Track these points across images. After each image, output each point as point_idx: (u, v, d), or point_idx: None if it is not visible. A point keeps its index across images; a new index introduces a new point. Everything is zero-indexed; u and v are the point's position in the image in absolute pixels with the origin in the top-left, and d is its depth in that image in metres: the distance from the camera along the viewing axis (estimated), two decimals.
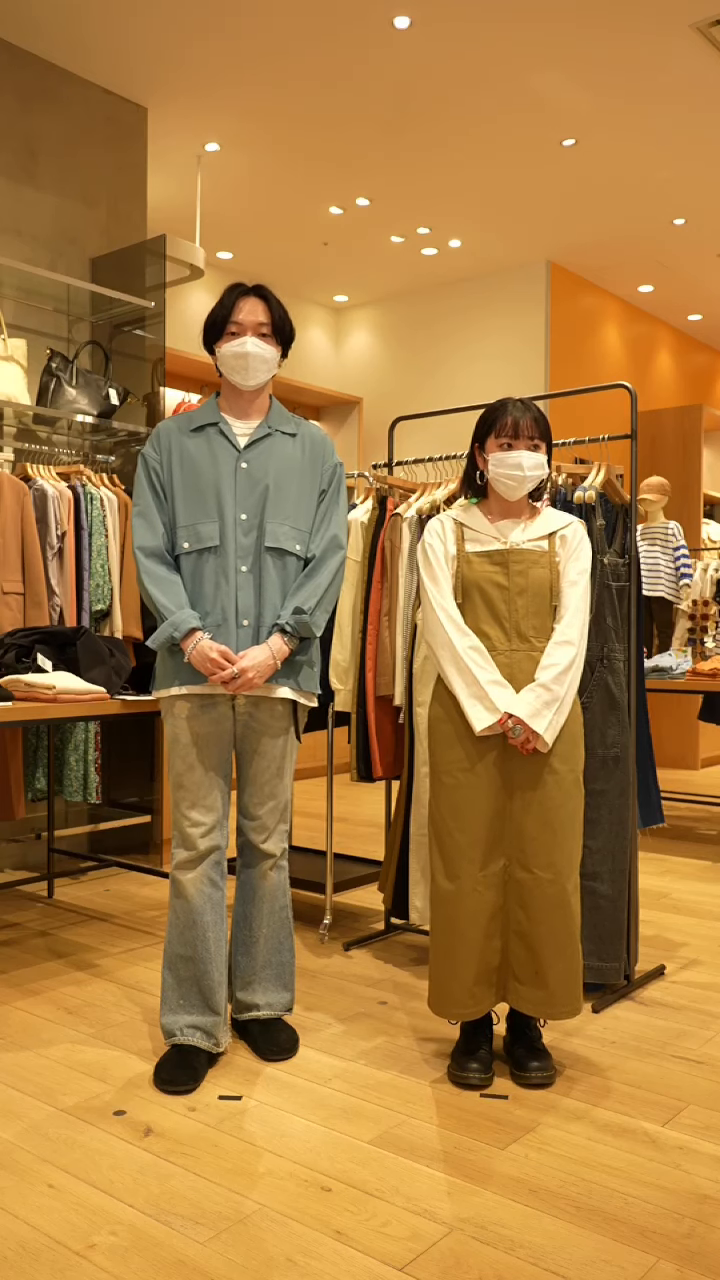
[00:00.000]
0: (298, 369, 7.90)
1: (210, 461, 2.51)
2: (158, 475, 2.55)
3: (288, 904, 2.67)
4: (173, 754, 2.55)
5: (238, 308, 2.51)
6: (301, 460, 2.57)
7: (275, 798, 2.59)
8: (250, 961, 2.63)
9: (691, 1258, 1.77)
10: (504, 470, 2.46)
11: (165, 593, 2.48)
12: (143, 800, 4.58)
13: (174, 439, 2.56)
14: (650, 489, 5.99)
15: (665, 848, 5.02)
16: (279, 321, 2.55)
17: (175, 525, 2.52)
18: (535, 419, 2.48)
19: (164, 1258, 1.76)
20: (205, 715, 2.50)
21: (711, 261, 7.22)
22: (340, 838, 5.03)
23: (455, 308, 7.64)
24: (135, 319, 4.73)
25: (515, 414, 2.47)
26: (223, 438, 2.53)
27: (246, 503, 2.49)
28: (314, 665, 2.61)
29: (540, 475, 2.48)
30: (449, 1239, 1.82)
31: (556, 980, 2.40)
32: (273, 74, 4.86)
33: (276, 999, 2.64)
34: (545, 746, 2.38)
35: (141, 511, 2.55)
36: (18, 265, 4.19)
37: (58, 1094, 2.37)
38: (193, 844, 2.52)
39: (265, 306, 2.53)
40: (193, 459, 2.52)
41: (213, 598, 2.49)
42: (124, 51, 4.64)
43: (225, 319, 2.52)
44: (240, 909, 2.65)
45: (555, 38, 4.55)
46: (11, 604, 3.78)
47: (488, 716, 2.38)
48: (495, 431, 2.48)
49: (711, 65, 4.76)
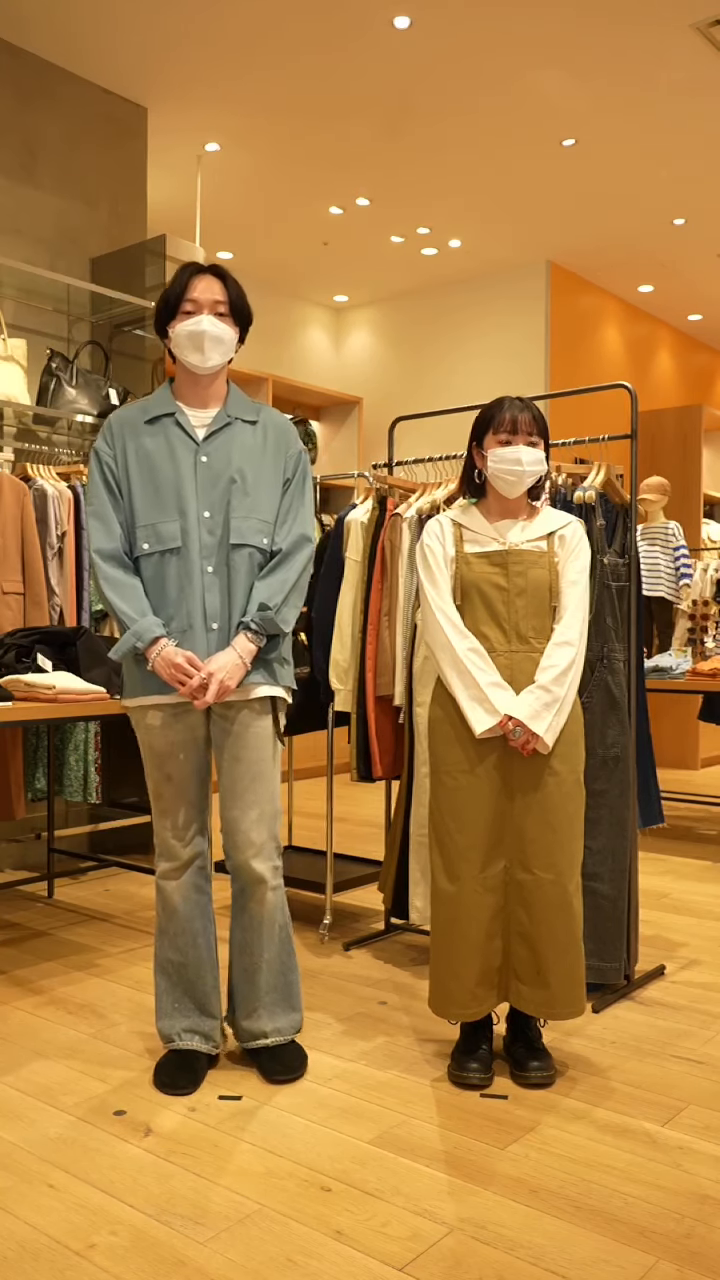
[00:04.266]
0: (297, 369, 7.90)
1: (168, 456, 2.36)
2: (112, 472, 2.40)
3: (287, 922, 2.50)
4: (147, 765, 2.44)
5: (192, 285, 2.37)
6: (264, 449, 2.43)
7: (259, 806, 2.40)
8: (253, 989, 2.46)
9: (692, 1258, 1.77)
10: (503, 466, 2.45)
11: (125, 599, 2.34)
12: (143, 800, 4.58)
13: (127, 431, 2.41)
14: (650, 489, 5.98)
15: (665, 848, 5.02)
16: (236, 300, 2.41)
17: (134, 525, 2.37)
18: (534, 416, 2.48)
19: (164, 1258, 1.76)
20: (178, 724, 2.39)
21: (711, 261, 7.22)
22: (340, 838, 5.03)
23: (455, 307, 7.64)
24: (135, 319, 4.73)
25: (513, 410, 2.47)
26: (179, 429, 2.39)
27: (209, 499, 2.35)
28: (287, 662, 2.47)
29: (539, 471, 2.48)
30: (449, 1239, 1.82)
31: (559, 981, 2.39)
32: (273, 74, 4.86)
33: (285, 1023, 2.48)
34: (545, 748, 2.38)
35: (96, 511, 2.40)
36: (18, 265, 4.19)
37: (58, 1094, 2.37)
38: (175, 854, 2.45)
39: (222, 285, 2.39)
40: (149, 454, 2.37)
41: (177, 601, 2.35)
42: (124, 51, 4.64)
43: (179, 297, 2.37)
44: (238, 935, 2.48)
45: (555, 38, 4.55)
46: (11, 604, 3.78)
47: (488, 719, 2.37)
48: (494, 428, 2.47)
49: (711, 65, 4.76)
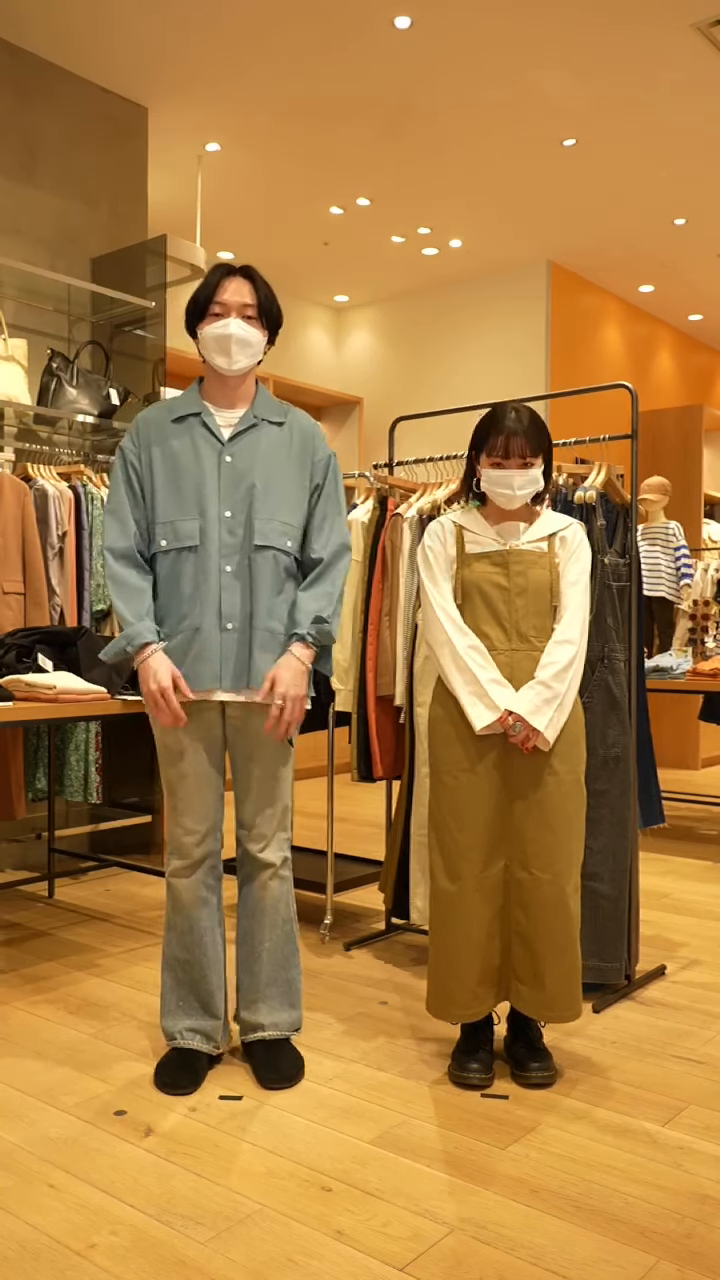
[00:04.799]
0: (298, 369, 7.90)
1: (192, 456, 2.38)
2: (135, 471, 2.42)
3: (291, 916, 2.52)
4: (163, 761, 2.47)
5: (222, 287, 2.37)
6: (290, 451, 2.43)
7: (272, 804, 2.47)
8: (253, 980, 2.49)
9: (692, 1258, 1.77)
10: (495, 488, 2.46)
11: (127, 601, 2.36)
12: (143, 800, 4.58)
13: (154, 431, 2.43)
14: (651, 489, 5.98)
15: (666, 848, 5.02)
16: (265, 303, 2.41)
17: (154, 522, 2.40)
18: (529, 436, 2.42)
19: (165, 1258, 1.76)
20: (193, 722, 2.40)
21: (712, 261, 7.22)
22: (341, 838, 5.03)
23: (456, 307, 7.64)
24: (136, 319, 4.73)
25: (508, 431, 2.42)
26: (205, 429, 2.40)
27: (231, 499, 2.36)
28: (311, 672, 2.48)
29: (532, 490, 2.46)
30: (450, 1239, 1.82)
31: (554, 983, 2.39)
32: (273, 74, 4.86)
33: (283, 1018, 2.49)
34: (546, 744, 2.38)
35: (113, 510, 2.42)
36: (18, 265, 4.19)
37: (58, 1094, 2.37)
38: (187, 852, 2.46)
39: (251, 287, 2.39)
40: (173, 453, 2.39)
41: (190, 599, 2.36)
42: (124, 51, 4.64)
43: (209, 299, 2.38)
44: (243, 924, 2.52)
45: (555, 38, 4.55)
46: (12, 604, 3.78)
47: (488, 715, 2.37)
48: (487, 449, 2.45)
49: (711, 65, 4.76)
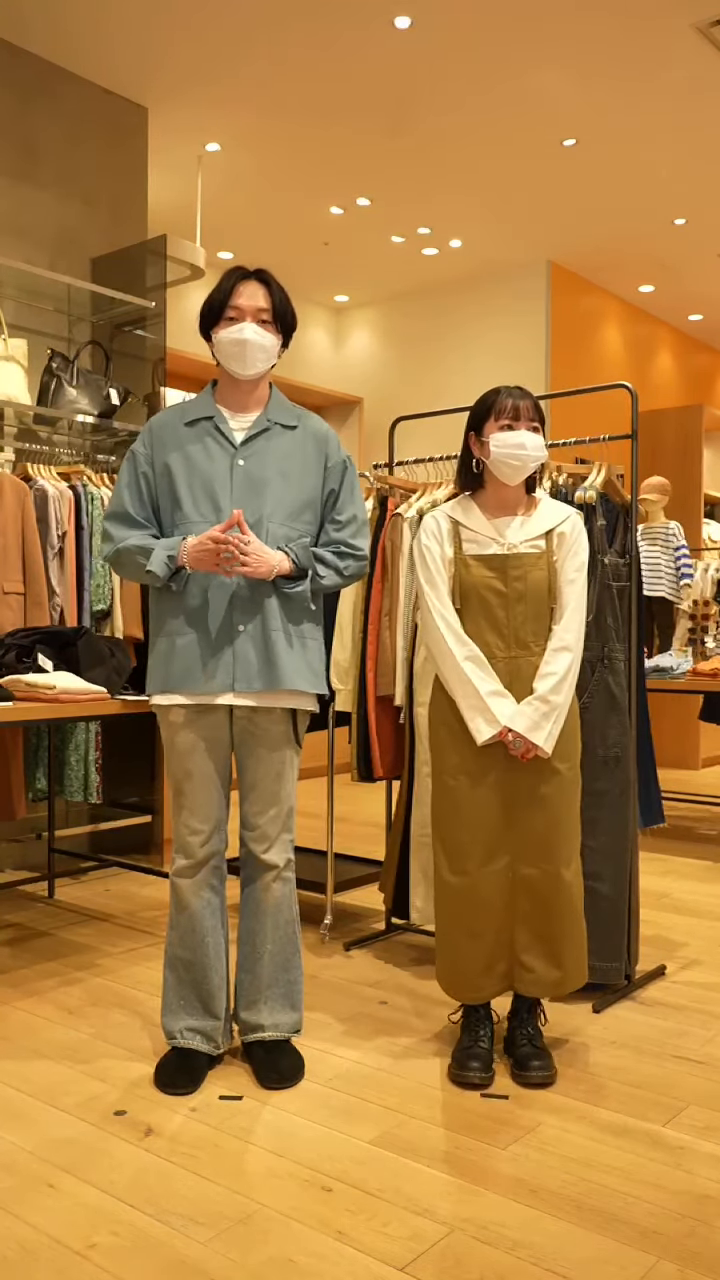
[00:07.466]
0: (298, 369, 7.90)
1: (205, 459, 2.39)
2: (145, 476, 2.44)
3: (294, 918, 2.52)
4: (169, 760, 2.47)
5: (237, 292, 2.39)
6: (303, 455, 2.44)
7: (276, 805, 2.48)
8: (254, 980, 2.49)
9: (692, 1258, 1.77)
10: (507, 450, 2.42)
11: (139, 541, 2.37)
12: (143, 800, 4.58)
13: (167, 435, 2.44)
14: (651, 489, 5.98)
15: (666, 848, 5.02)
16: (280, 308, 2.43)
17: (169, 526, 2.41)
18: (533, 404, 2.48)
19: (165, 1258, 1.76)
20: (200, 721, 2.42)
21: (712, 261, 7.22)
22: (341, 838, 5.03)
23: (456, 307, 7.64)
24: (136, 319, 4.73)
25: (514, 398, 2.46)
26: (218, 433, 2.41)
27: (244, 503, 2.37)
28: (318, 672, 2.49)
29: (541, 457, 2.46)
30: (449, 1239, 1.82)
31: (571, 960, 2.47)
32: (273, 74, 4.86)
33: (284, 1020, 2.49)
34: (545, 755, 2.41)
35: (115, 510, 2.44)
36: (18, 265, 4.19)
37: (58, 1094, 2.37)
38: (192, 852, 2.46)
39: (266, 291, 2.41)
40: (186, 456, 2.40)
41: (203, 601, 2.37)
42: (124, 51, 4.64)
43: (223, 304, 2.39)
44: (245, 924, 2.52)
45: (555, 38, 4.55)
46: (12, 604, 3.78)
47: (488, 730, 2.40)
48: (495, 414, 2.45)
49: (711, 65, 4.76)
